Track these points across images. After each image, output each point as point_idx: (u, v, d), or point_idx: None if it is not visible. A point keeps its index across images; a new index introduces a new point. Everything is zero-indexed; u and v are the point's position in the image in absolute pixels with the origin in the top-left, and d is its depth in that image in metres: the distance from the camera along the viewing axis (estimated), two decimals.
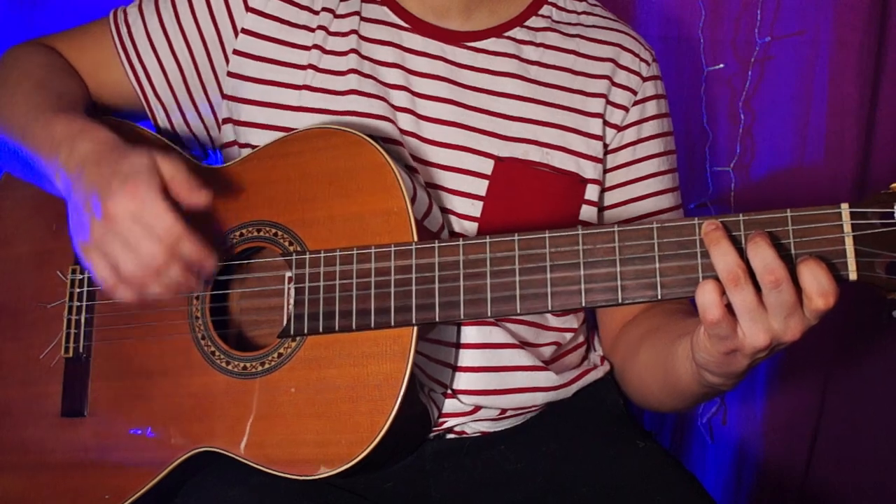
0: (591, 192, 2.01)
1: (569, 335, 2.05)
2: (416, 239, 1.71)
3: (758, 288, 1.47)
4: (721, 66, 2.55)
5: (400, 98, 1.95)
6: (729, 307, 1.49)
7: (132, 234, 1.63)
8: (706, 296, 1.48)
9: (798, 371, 2.59)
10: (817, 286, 1.44)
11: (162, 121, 2.07)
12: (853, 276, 1.47)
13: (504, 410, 1.94)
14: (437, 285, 1.68)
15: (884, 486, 2.66)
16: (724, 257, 1.48)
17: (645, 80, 2.08)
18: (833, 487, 2.67)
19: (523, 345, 1.95)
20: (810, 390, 2.62)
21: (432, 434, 1.93)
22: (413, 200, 1.74)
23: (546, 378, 1.96)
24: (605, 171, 2.05)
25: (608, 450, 1.92)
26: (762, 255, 1.46)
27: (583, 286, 1.59)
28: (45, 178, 1.83)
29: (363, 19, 2.00)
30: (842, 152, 2.55)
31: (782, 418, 2.64)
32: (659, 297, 1.55)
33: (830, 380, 2.62)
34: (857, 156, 2.55)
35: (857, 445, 2.65)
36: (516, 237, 1.64)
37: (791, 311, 1.48)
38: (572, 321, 2.06)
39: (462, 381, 1.90)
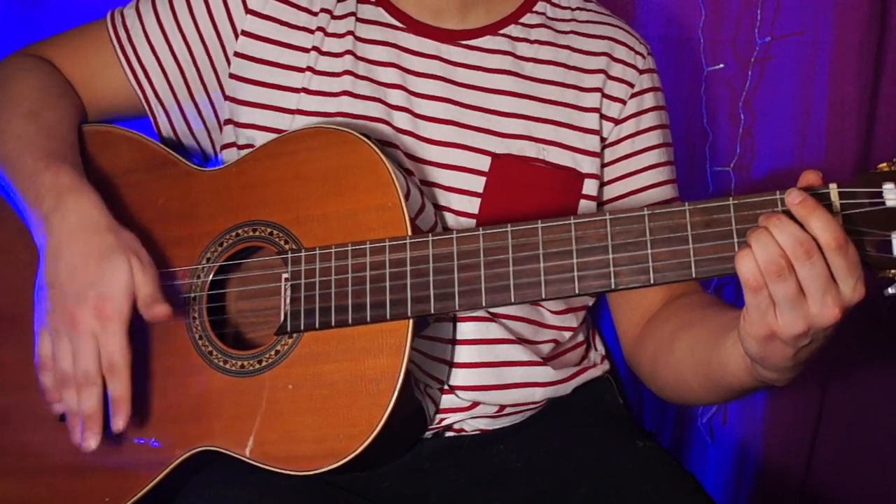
0: (589, 187, 2.01)
1: (567, 334, 2.05)
2: (409, 233, 1.71)
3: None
4: (721, 66, 2.54)
5: (396, 97, 1.95)
6: None
7: (82, 345, 1.70)
8: (748, 263, 1.46)
9: None
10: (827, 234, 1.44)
11: (164, 125, 2.07)
12: None
13: (502, 407, 1.94)
14: (431, 277, 1.68)
15: (884, 486, 2.65)
16: (765, 248, 1.45)
17: (641, 72, 2.08)
18: (833, 487, 2.66)
19: (521, 341, 1.95)
20: (810, 390, 2.61)
21: (431, 432, 1.93)
22: (407, 199, 1.74)
23: (543, 373, 1.97)
24: (604, 165, 2.05)
25: (608, 449, 1.92)
26: (789, 231, 1.44)
27: (576, 273, 1.60)
28: (24, 217, 1.84)
29: (359, 20, 2.00)
30: (842, 152, 2.55)
31: (782, 418, 2.63)
32: (652, 282, 1.55)
33: (830, 380, 2.61)
34: (857, 156, 2.54)
35: (857, 445, 2.64)
36: (509, 228, 1.65)
37: (827, 287, 1.45)
38: (571, 320, 2.05)
39: (459, 377, 1.90)
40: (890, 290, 1.49)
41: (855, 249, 1.45)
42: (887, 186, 1.46)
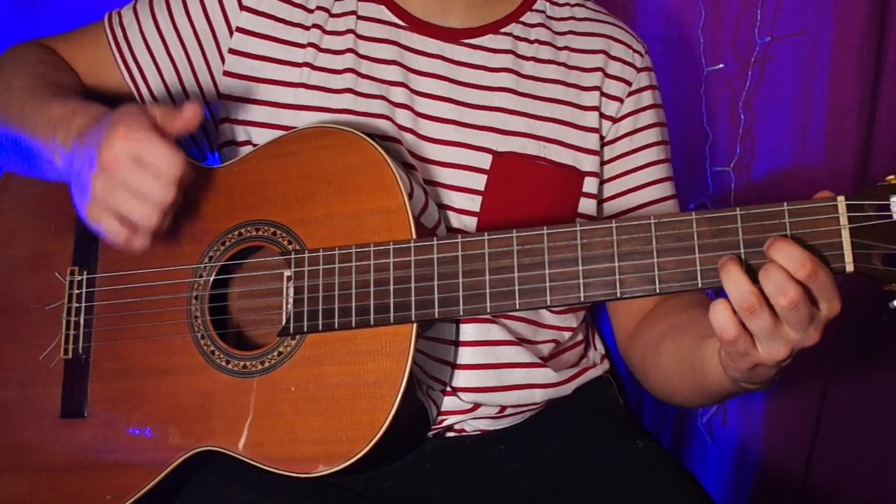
0: (590, 185, 2.02)
1: (567, 334, 2.06)
2: (414, 236, 1.71)
3: (773, 309, 1.47)
4: (721, 66, 2.55)
5: (399, 95, 1.96)
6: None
7: (134, 177, 1.63)
8: (720, 315, 1.48)
9: (798, 371, 2.58)
10: (792, 264, 1.44)
11: None
12: (850, 267, 1.47)
13: (503, 408, 1.94)
14: (435, 282, 1.68)
15: (884, 486, 2.66)
16: (735, 285, 1.47)
17: (639, 70, 2.10)
18: (833, 487, 2.67)
19: (521, 342, 1.96)
20: (810, 390, 2.63)
21: (432, 432, 1.93)
22: (410, 198, 1.74)
23: (544, 375, 1.97)
24: (603, 162, 2.06)
25: (608, 449, 1.92)
26: (774, 279, 1.45)
27: (581, 281, 1.59)
28: (44, 163, 1.83)
29: (360, 18, 2.00)
30: (842, 152, 2.56)
31: (782, 418, 2.64)
32: (657, 292, 1.55)
33: (830, 380, 2.62)
34: (857, 156, 2.55)
35: (857, 445, 2.65)
36: (514, 233, 1.65)
37: (810, 321, 1.47)
38: (571, 320, 2.06)
39: (461, 378, 1.90)
40: (895, 304, 1.49)
41: (827, 271, 1.47)
42: (894, 199, 1.46)
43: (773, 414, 2.65)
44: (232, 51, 1.99)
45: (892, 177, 1.48)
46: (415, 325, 1.69)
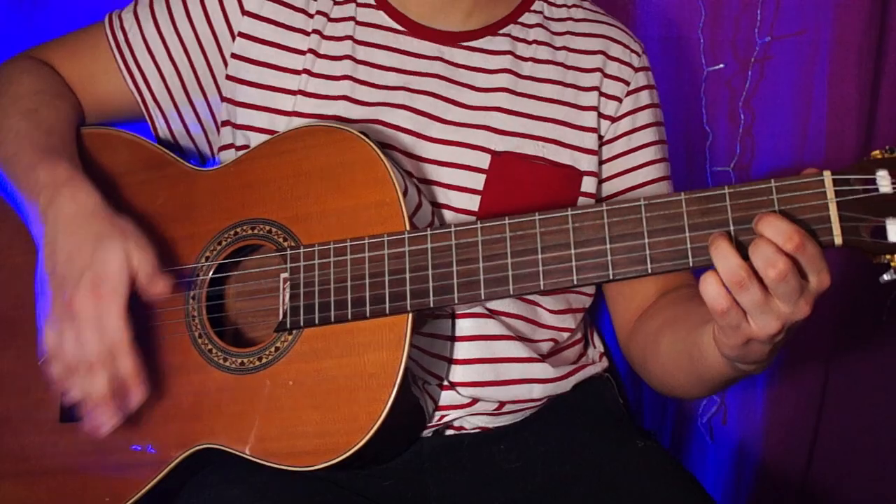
0: (588, 184, 2.02)
1: (566, 334, 2.06)
2: (408, 228, 1.71)
3: (762, 283, 1.47)
4: (721, 66, 2.54)
5: (398, 97, 1.96)
6: None
7: (83, 330, 1.67)
8: (710, 288, 1.48)
9: (798, 371, 2.59)
10: (781, 237, 1.45)
11: (161, 128, 2.08)
12: (838, 240, 1.48)
13: (502, 404, 1.94)
14: (430, 271, 1.68)
15: (884, 486, 2.65)
16: (724, 260, 1.48)
17: (637, 70, 2.10)
18: (833, 487, 2.66)
19: (518, 338, 1.96)
20: (810, 390, 2.62)
21: (431, 430, 1.93)
22: (404, 195, 1.75)
23: (542, 370, 1.97)
24: (602, 161, 2.06)
25: (607, 449, 1.92)
26: (762, 252, 1.46)
27: (574, 264, 1.60)
28: (24, 214, 1.84)
29: (358, 24, 2.01)
30: (842, 152, 2.55)
31: (782, 418, 2.63)
32: (649, 272, 1.56)
33: (830, 380, 2.61)
34: (857, 156, 2.54)
35: (857, 445, 2.64)
36: (507, 220, 1.66)
37: (800, 293, 1.48)
38: (569, 321, 2.06)
39: (458, 373, 1.91)
40: (885, 277, 1.50)
41: (815, 244, 1.47)
42: (880, 173, 1.48)
43: (774, 414, 2.63)
44: (234, 55, 1.99)
45: (877, 152, 1.50)
46: (410, 315, 1.69)
